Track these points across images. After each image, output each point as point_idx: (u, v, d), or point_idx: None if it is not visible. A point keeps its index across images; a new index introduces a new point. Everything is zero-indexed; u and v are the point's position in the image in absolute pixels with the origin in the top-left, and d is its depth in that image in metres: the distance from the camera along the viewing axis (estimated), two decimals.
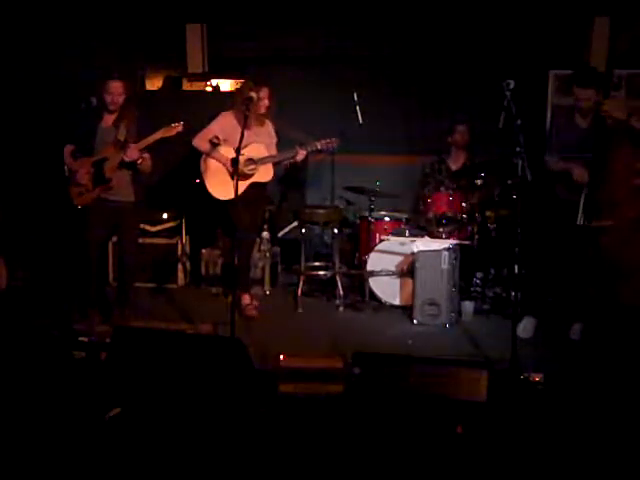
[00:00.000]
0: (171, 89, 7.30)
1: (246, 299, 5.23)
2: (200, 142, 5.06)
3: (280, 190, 6.55)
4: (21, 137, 6.22)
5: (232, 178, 4.85)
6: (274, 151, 5.18)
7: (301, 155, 5.12)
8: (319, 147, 5.17)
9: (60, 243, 5.75)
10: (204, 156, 5.11)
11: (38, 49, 6.35)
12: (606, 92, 4.36)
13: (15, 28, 6.24)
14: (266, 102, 5.09)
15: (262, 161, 5.06)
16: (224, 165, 5.02)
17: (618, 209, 4.29)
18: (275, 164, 5.21)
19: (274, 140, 5.23)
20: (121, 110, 4.70)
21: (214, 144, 5.00)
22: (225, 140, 5.00)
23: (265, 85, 5.10)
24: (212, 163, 5.08)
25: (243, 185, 4.96)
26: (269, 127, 5.24)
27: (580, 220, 4.33)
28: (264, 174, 5.12)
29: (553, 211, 4.68)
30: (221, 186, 5.02)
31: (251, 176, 5.06)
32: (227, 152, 4.95)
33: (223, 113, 5.12)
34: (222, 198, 5.03)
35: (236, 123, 4.94)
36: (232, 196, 4.52)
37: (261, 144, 5.08)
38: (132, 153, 4.57)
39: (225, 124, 5.06)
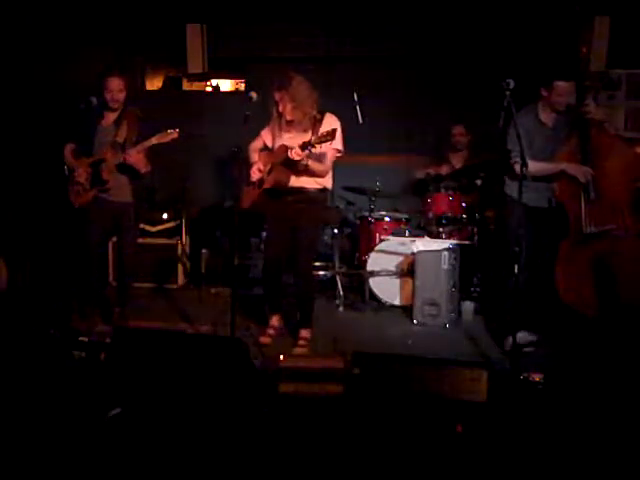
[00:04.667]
0: (171, 89, 7.31)
1: (274, 320, 4.75)
2: (250, 153, 4.67)
3: None
4: (21, 137, 6.22)
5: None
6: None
7: (296, 154, 4.17)
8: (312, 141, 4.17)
9: (60, 243, 5.75)
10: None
11: (38, 49, 6.35)
12: (581, 93, 4.36)
13: (15, 28, 6.23)
14: (288, 106, 4.30)
15: (270, 167, 4.51)
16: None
17: (621, 213, 4.27)
18: (286, 169, 4.38)
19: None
20: (123, 109, 4.68)
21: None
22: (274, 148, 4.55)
23: (278, 88, 4.31)
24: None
25: (257, 193, 4.57)
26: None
27: (586, 229, 4.31)
28: (269, 180, 4.50)
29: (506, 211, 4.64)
30: (244, 195, 4.61)
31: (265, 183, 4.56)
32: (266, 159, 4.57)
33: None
34: (243, 207, 4.61)
35: (274, 129, 4.52)
36: (246, 205, 4.50)
37: (288, 149, 4.31)
38: (132, 157, 4.53)
39: (269, 131, 4.56)
